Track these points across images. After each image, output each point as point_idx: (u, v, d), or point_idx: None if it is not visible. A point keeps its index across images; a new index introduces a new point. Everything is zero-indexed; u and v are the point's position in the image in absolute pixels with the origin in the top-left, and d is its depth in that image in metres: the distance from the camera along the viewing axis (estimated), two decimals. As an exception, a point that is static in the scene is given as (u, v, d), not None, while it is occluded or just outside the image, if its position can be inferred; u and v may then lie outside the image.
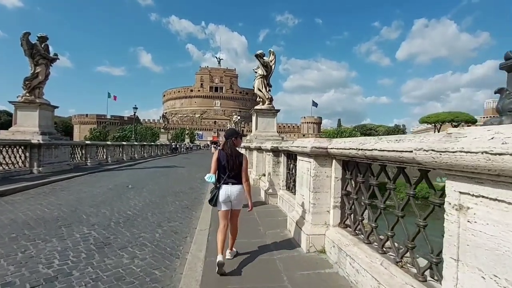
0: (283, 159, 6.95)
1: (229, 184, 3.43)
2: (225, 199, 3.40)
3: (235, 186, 3.45)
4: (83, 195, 7.97)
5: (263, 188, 7.87)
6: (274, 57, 14.14)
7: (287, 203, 6.00)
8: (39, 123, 13.29)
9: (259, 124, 13.95)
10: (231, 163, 3.45)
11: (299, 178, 4.53)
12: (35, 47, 13.32)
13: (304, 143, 4.08)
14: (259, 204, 6.99)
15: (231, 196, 3.42)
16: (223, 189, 3.40)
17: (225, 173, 3.43)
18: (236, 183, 3.47)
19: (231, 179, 3.45)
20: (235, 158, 3.49)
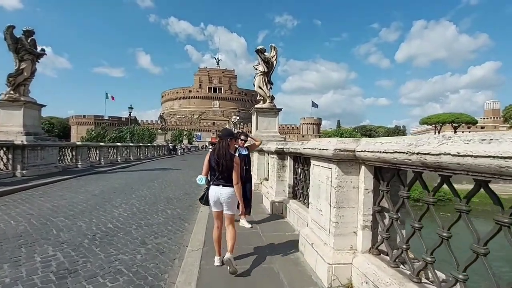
0: (289, 163, 6.07)
1: (220, 186, 3.36)
2: (215, 201, 3.36)
3: (226, 188, 3.35)
4: (62, 202, 7.06)
5: (266, 194, 6.99)
6: (276, 52, 13.27)
7: (294, 214, 5.12)
8: (23, 122, 12.38)
9: (260, 124, 13.07)
10: (223, 164, 3.35)
11: (314, 187, 3.65)
12: (20, 41, 12.42)
13: (322, 143, 3.21)
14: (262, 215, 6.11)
15: (221, 198, 3.34)
16: (212, 190, 3.37)
17: (215, 174, 3.39)
18: (227, 185, 3.36)
19: (221, 181, 3.36)
20: (227, 160, 3.37)
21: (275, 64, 13.40)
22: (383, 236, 2.81)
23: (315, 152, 3.37)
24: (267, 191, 7.02)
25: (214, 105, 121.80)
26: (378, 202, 2.90)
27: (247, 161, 5.48)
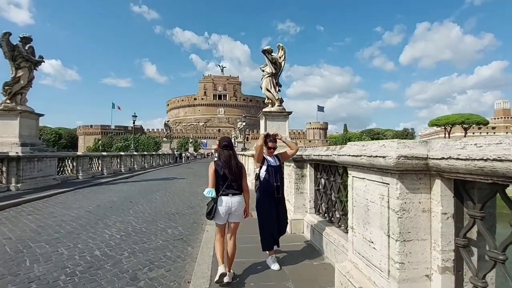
0: (309, 172, 5.14)
1: (229, 195, 3.28)
2: (226, 211, 3.27)
3: (236, 196, 3.31)
4: (49, 221, 6.24)
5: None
6: (284, 52, 12.42)
7: (322, 237, 4.16)
8: (20, 132, 11.72)
9: (269, 129, 12.13)
10: (234, 173, 3.31)
11: (358, 209, 2.72)
12: (17, 48, 11.84)
13: (373, 148, 2.29)
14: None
15: (232, 208, 3.28)
16: (223, 201, 3.26)
17: (224, 184, 3.27)
18: (236, 193, 3.32)
19: (231, 190, 3.30)
20: (237, 168, 3.35)
21: (283, 65, 12.56)
22: (477, 285, 1.86)
23: (362, 161, 2.44)
24: (283, 204, 6.08)
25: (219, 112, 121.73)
26: (465, 233, 1.96)
27: (279, 175, 3.83)
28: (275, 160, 3.92)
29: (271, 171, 3.76)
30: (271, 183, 3.72)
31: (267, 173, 3.75)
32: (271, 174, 3.75)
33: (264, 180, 3.74)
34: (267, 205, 3.75)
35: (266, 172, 3.76)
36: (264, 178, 3.75)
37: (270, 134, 4.06)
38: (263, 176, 3.76)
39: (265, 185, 3.73)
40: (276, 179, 3.75)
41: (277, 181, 3.75)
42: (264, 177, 3.76)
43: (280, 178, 3.85)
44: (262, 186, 3.76)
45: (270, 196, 3.70)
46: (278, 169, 3.87)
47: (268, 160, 3.87)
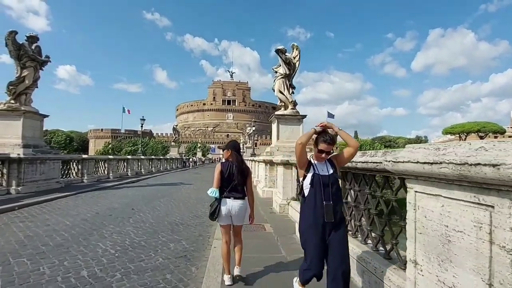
0: (335, 181, 4.36)
1: (231, 198, 3.29)
2: (226, 214, 3.28)
3: (237, 200, 3.30)
4: (40, 230, 5.61)
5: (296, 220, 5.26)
6: (298, 52, 11.77)
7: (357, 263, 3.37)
8: (23, 134, 11.33)
9: (282, 133, 11.46)
10: (239, 176, 3.32)
11: (428, 237, 1.93)
12: (23, 47, 11.55)
13: (462, 151, 1.53)
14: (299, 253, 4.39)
15: (232, 211, 3.28)
16: (225, 203, 3.28)
17: (228, 186, 3.29)
18: (238, 197, 3.31)
19: (233, 193, 3.30)
20: (243, 171, 3.37)
21: (298, 65, 11.88)
22: None
23: (442, 171, 1.67)
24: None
25: (228, 117, 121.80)
26: None
27: (333, 189, 2.54)
28: (326, 167, 2.58)
29: (319, 183, 2.47)
30: (318, 202, 2.44)
31: (312, 187, 2.51)
32: (318, 188, 2.45)
33: (308, 197, 2.54)
34: (311, 234, 2.46)
35: (311, 184, 2.51)
36: (309, 195, 2.53)
37: (327, 126, 2.63)
38: (307, 191, 2.54)
39: (309, 205, 2.52)
40: (327, 195, 2.44)
41: (329, 198, 2.44)
42: (308, 193, 2.53)
43: (335, 193, 2.49)
44: (305, 206, 2.58)
45: (316, 220, 2.44)
46: (331, 180, 2.51)
47: (315, 166, 2.58)
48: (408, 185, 2.20)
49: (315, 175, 2.52)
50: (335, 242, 2.44)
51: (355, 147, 2.64)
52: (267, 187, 10.72)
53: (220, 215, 3.29)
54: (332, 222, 2.42)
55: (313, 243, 2.45)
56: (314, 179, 2.50)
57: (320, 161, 2.59)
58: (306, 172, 2.58)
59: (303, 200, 2.61)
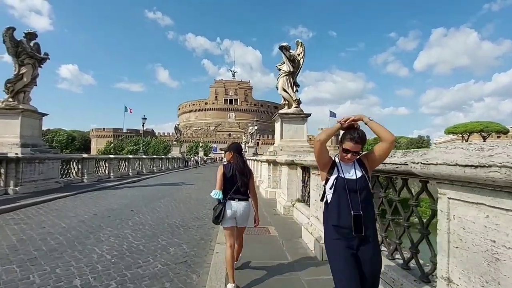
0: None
1: (236, 200, 3.28)
2: (231, 215, 3.25)
3: (242, 202, 3.31)
4: (35, 233, 5.37)
5: (307, 226, 5.00)
6: (303, 49, 11.49)
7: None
8: (21, 132, 11.10)
9: (285, 132, 11.18)
10: (243, 178, 3.34)
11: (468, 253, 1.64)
12: (21, 44, 11.31)
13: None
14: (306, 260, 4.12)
15: (237, 213, 3.27)
16: (230, 205, 3.26)
17: (231, 188, 3.28)
18: (242, 198, 3.32)
19: (238, 195, 3.30)
20: (245, 173, 3.38)
21: (302, 63, 11.59)
22: None
23: (491, 175, 1.39)
24: (309, 221, 5.02)
25: (230, 116, 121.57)
26: None
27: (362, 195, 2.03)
28: (354, 169, 2.09)
29: (343, 188, 2.01)
30: (344, 211, 1.99)
31: (336, 193, 2.05)
32: (343, 194, 2.01)
33: (331, 204, 2.09)
34: (338, 249, 2.01)
35: (334, 190, 2.06)
36: (331, 202, 2.08)
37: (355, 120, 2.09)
38: (330, 198, 2.10)
39: (332, 214, 2.07)
40: (355, 203, 1.97)
41: (357, 208, 1.96)
42: (331, 199, 2.09)
43: (365, 201, 2.00)
44: (328, 215, 2.13)
45: (342, 234, 2.00)
46: (359, 185, 2.02)
47: (339, 168, 2.10)
48: (439, 191, 1.93)
49: (338, 178, 2.05)
50: (367, 263, 1.99)
51: (389, 140, 2.02)
52: (271, 188, 10.45)
53: (225, 217, 3.24)
54: (361, 236, 1.95)
55: (343, 263, 1.96)
56: (337, 183, 2.04)
57: (347, 162, 2.10)
58: (329, 174, 2.13)
59: (325, 207, 2.21)
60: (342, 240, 2.00)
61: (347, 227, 1.97)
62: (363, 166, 2.12)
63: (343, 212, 2.00)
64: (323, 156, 2.17)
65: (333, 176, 2.09)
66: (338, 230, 2.01)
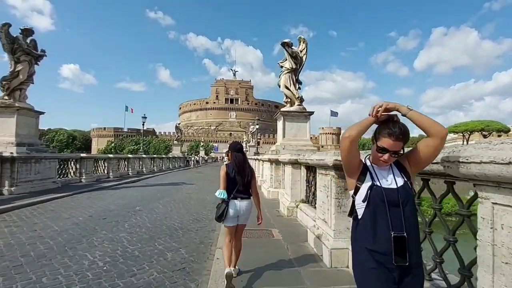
0: (356, 184, 3.78)
1: (238, 199, 3.33)
2: (234, 214, 3.31)
3: (244, 201, 3.36)
4: (24, 237, 5.07)
5: (313, 230, 4.68)
6: (305, 46, 11.17)
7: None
8: (16, 131, 10.83)
9: (288, 131, 10.87)
10: (244, 178, 3.37)
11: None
12: (17, 41, 11.04)
13: None
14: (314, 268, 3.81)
15: (240, 211, 3.33)
16: (233, 204, 3.30)
17: (234, 187, 3.32)
18: (245, 197, 3.37)
19: (240, 194, 3.34)
20: (248, 172, 3.41)
21: (305, 59, 11.26)
22: None
23: None
24: (316, 224, 4.71)
25: (231, 116, 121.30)
26: None
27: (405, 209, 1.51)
28: (392, 175, 1.60)
29: (381, 200, 1.53)
30: (382, 232, 1.50)
31: (370, 207, 1.56)
32: (381, 209, 1.52)
33: (362, 222, 1.60)
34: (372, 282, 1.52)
35: (369, 202, 1.57)
36: (364, 218, 1.59)
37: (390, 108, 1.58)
38: (361, 211, 1.61)
39: (364, 235, 1.58)
40: (397, 222, 1.48)
41: (400, 227, 1.47)
42: (363, 215, 1.60)
43: (409, 218, 1.51)
44: (358, 235, 1.63)
45: (378, 261, 1.51)
46: (401, 196, 1.53)
47: (373, 173, 1.62)
48: (480, 194, 1.62)
49: (374, 187, 1.55)
50: None
51: (441, 135, 1.52)
52: (273, 188, 10.14)
53: (228, 216, 3.29)
54: (405, 266, 1.45)
55: None
56: (373, 194, 1.54)
57: (382, 165, 1.60)
58: (359, 181, 1.62)
59: (354, 225, 1.68)
60: (379, 270, 1.49)
61: (385, 253, 1.46)
62: (403, 170, 1.62)
63: (380, 232, 1.49)
64: (353, 158, 1.65)
65: (366, 184, 1.59)
66: (373, 256, 1.50)
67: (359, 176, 1.64)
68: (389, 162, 1.58)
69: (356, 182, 1.65)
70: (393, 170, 1.61)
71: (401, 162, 1.64)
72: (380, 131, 1.58)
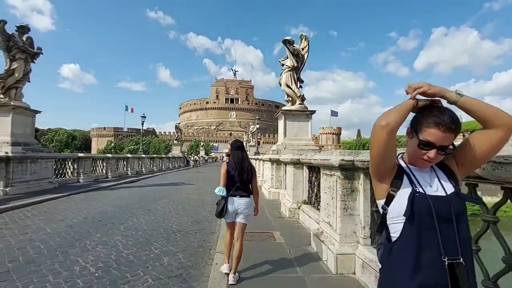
0: (363, 186, 3.55)
1: (237, 197, 3.41)
2: (232, 211, 3.40)
3: (243, 198, 3.43)
4: (14, 240, 4.85)
5: (317, 233, 4.45)
6: (307, 43, 10.91)
7: None
8: (12, 130, 10.60)
9: (289, 130, 10.63)
10: (244, 175, 3.43)
11: None
12: (12, 38, 10.80)
13: None
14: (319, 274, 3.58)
15: (238, 209, 3.40)
16: (232, 201, 3.40)
17: (233, 185, 3.41)
18: (244, 195, 3.44)
19: (239, 191, 3.42)
20: (248, 170, 3.47)
21: (307, 57, 11.02)
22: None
23: None
24: (319, 227, 4.48)
25: (231, 116, 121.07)
26: None
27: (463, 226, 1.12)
28: (437, 178, 1.22)
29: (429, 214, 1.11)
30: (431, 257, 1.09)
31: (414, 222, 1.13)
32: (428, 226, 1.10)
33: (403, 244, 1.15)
34: None
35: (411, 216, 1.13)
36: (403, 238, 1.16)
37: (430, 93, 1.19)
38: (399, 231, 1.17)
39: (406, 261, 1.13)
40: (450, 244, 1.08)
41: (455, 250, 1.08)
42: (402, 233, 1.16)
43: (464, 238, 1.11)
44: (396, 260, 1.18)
45: None
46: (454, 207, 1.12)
47: (412, 176, 1.22)
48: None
49: (418, 195, 1.14)
50: None
51: (507, 125, 1.16)
52: (274, 188, 9.92)
53: (227, 212, 3.39)
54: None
55: None
56: (417, 205, 1.13)
57: (423, 166, 1.23)
58: (394, 188, 1.22)
59: (387, 247, 1.23)
60: None
61: (438, 285, 1.07)
62: (450, 173, 1.24)
63: (427, 258, 1.09)
64: (390, 154, 1.21)
65: (404, 191, 1.18)
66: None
67: (393, 180, 1.23)
68: (435, 161, 1.18)
69: (389, 189, 1.23)
70: (436, 172, 1.23)
71: (445, 162, 1.25)
72: (422, 120, 1.19)
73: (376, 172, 1.27)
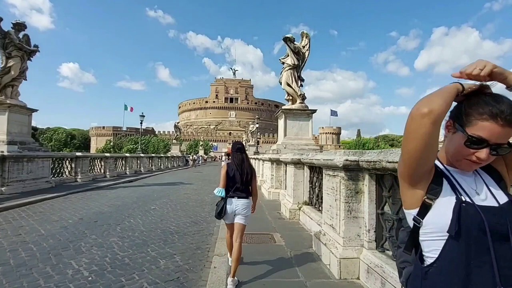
0: (368, 187, 3.41)
1: (235, 198, 3.43)
2: (231, 212, 3.42)
3: (241, 200, 3.44)
4: (6, 242, 4.69)
5: (319, 236, 4.30)
6: (308, 41, 10.77)
7: None
8: (8, 129, 10.45)
9: (289, 129, 10.49)
10: (244, 177, 3.45)
11: None
12: (8, 35, 10.65)
13: None
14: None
15: (236, 210, 3.41)
16: (230, 202, 3.43)
17: (233, 186, 3.43)
18: (242, 196, 3.45)
19: (238, 193, 3.44)
20: (248, 172, 3.49)
21: (308, 55, 10.88)
22: None
23: None
24: (322, 230, 4.34)
25: (231, 115, 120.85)
26: None
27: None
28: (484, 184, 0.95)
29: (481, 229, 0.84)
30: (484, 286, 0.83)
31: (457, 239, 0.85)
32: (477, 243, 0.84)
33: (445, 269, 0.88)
34: None
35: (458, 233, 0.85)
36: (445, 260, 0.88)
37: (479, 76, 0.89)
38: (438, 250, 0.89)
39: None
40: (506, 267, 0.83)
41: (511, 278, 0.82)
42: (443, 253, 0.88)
43: None
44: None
45: None
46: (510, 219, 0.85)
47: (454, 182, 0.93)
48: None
49: (465, 205, 0.87)
50: None
51: None
52: (274, 188, 9.78)
53: (226, 213, 3.43)
54: None
55: None
56: (465, 217, 0.86)
57: (468, 169, 0.96)
58: (432, 195, 0.93)
59: (420, 272, 0.94)
60: None
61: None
62: (498, 176, 1.00)
63: (479, 285, 0.84)
64: (430, 151, 0.89)
65: (445, 200, 0.91)
66: None
67: (430, 185, 0.94)
68: (485, 162, 0.91)
69: (425, 196, 0.93)
70: (482, 176, 0.98)
71: (492, 164, 0.98)
72: (470, 111, 0.90)
73: (410, 174, 0.94)
